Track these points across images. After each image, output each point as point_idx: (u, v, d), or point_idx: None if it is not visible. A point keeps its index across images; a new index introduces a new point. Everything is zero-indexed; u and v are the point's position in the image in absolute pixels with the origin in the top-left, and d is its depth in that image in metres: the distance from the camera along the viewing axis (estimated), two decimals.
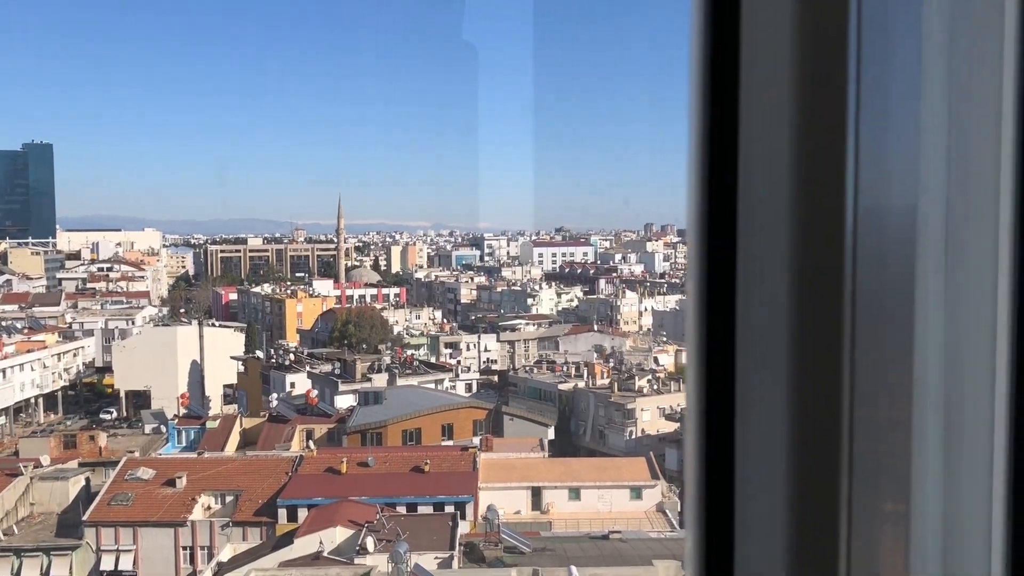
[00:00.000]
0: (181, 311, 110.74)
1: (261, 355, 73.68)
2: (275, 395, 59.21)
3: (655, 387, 58.69)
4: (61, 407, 72.09)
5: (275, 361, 69.09)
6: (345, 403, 54.01)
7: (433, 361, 70.22)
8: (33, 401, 70.01)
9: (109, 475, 39.40)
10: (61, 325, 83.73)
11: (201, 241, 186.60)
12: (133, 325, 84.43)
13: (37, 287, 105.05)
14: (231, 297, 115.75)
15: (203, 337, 67.34)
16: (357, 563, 29.33)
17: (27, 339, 73.13)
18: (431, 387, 59.85)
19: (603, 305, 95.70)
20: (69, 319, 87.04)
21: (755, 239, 1.00)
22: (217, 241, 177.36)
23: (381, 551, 29.19)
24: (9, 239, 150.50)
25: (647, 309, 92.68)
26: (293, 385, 61.01)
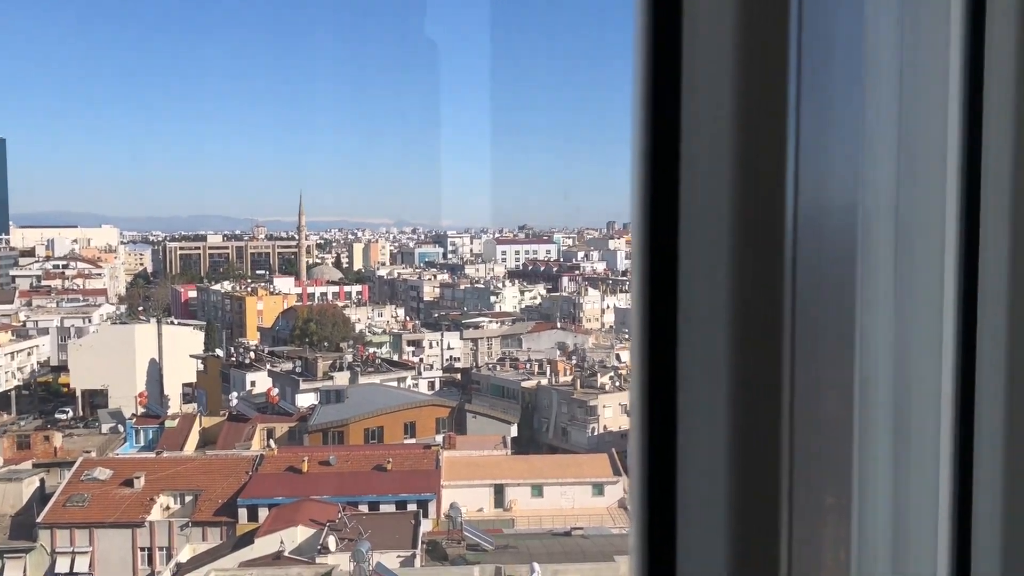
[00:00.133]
0: (139, 309, 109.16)
1: (221, 353, 72.85)
2: (235, 394, 58.58)
3: (617, 384, 58.97)
4: (14, 407, 70.69)
5: (235, 359, 68.35)
6: (306, 401, 53.65)
7: (396, 359, 69.96)
8: None
9: (64, 476, 38.72)
10: (15, 323, 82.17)
11: (160, 238, 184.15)
12: (90, 323, 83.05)
13: None
14: (190, 295, 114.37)
15: (162, 335, 66.47)
16: (319, 562, 29.19)
17: None
18: (394, 385, 59.68)
19: (566, 303, 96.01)
20: (23, 317, 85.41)
21: (696, 237, 1.00)
22: (176, 238, 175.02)
23: (343, 550, 29.07)
24: None
25: (609, 306, 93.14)
26: (253, 384, 60.43)
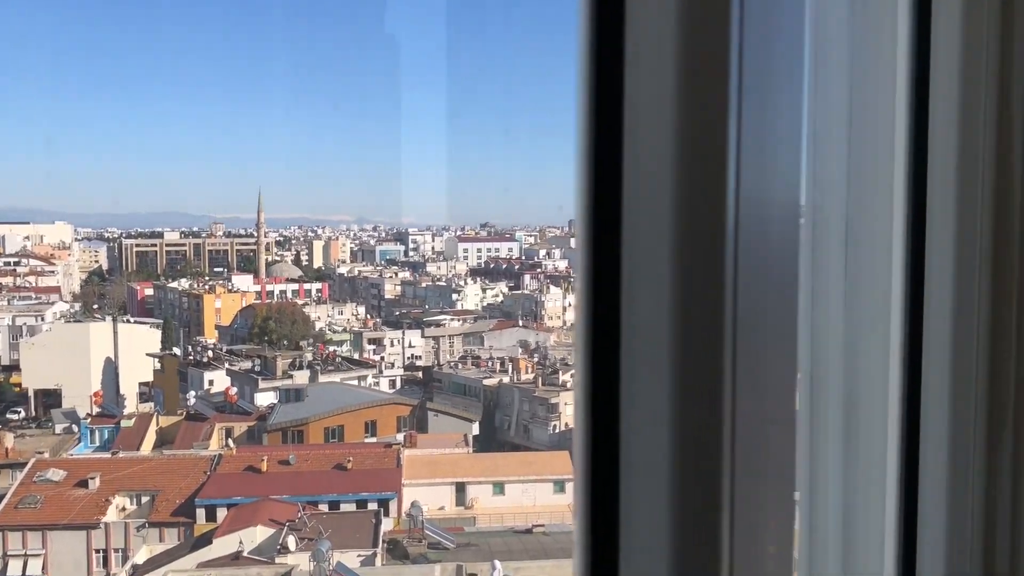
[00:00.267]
0: (95, 307, 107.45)
1: (178, 352, 71.90)
2: (193, 393, 57.88)
3: None
4: None
5: (193, 358, 67.51)
6: (265, 400, 53.16)
7: (356, 357, 69.57)
8: None
9: (16, 477, 38.05)
10: None
11: (116, 235, 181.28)
12: (43, 321, 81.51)
13: None
14: (147, 293, 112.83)
15: (117, 333, 65.63)
16: (278, 562, 29.02)
17: None
18: (354, 384, 59.36)
19: (528, 301, 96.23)
20: None
21: (639, 235, 1.00)
22: (132, 235, 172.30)
23: (303, 550, 28.92)
24: None
25: (571, 304, 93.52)
26: (212, 382, 59.75)
